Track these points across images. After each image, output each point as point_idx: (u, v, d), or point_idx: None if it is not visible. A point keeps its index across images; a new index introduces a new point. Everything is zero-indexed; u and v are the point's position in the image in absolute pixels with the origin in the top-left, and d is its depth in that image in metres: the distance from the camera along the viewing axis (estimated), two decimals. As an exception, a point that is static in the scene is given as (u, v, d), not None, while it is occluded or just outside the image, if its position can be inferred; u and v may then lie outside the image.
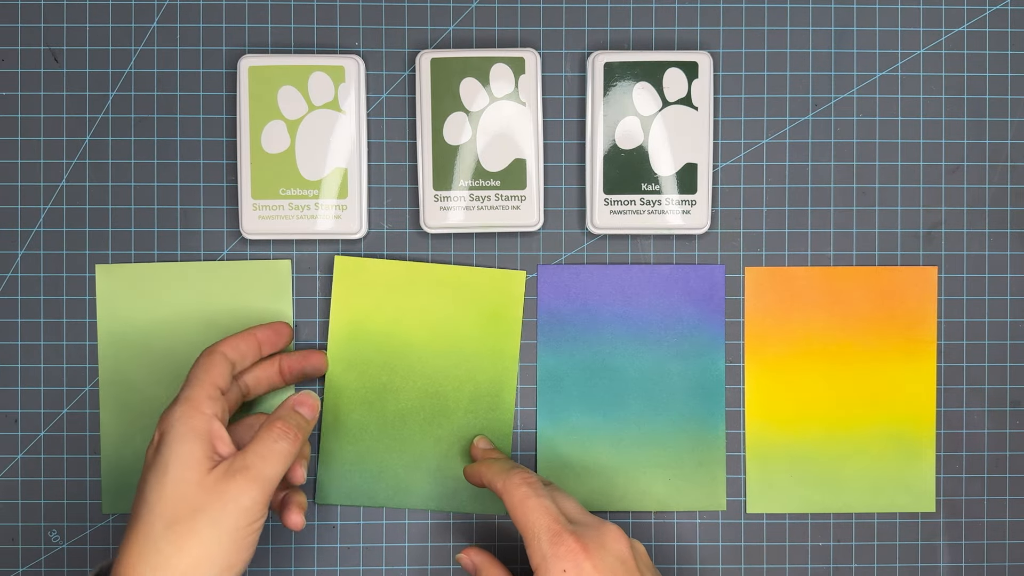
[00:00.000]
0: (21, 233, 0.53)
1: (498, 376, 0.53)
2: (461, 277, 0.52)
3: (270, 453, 0.44)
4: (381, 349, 0.52)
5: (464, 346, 0.52)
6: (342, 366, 0.52)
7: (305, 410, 0.46)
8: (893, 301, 0.54)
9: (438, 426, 0.53)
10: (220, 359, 0.46)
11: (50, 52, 0.53)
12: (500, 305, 0.52)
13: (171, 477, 0.42)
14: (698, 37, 0.54)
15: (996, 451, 0.54)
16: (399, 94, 0.54)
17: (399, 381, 0.52)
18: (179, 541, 0.41)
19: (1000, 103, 0.54)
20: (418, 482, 0.53)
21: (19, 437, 0.53)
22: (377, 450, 0.52)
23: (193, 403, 0.44)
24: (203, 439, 0.43)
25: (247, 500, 0.42)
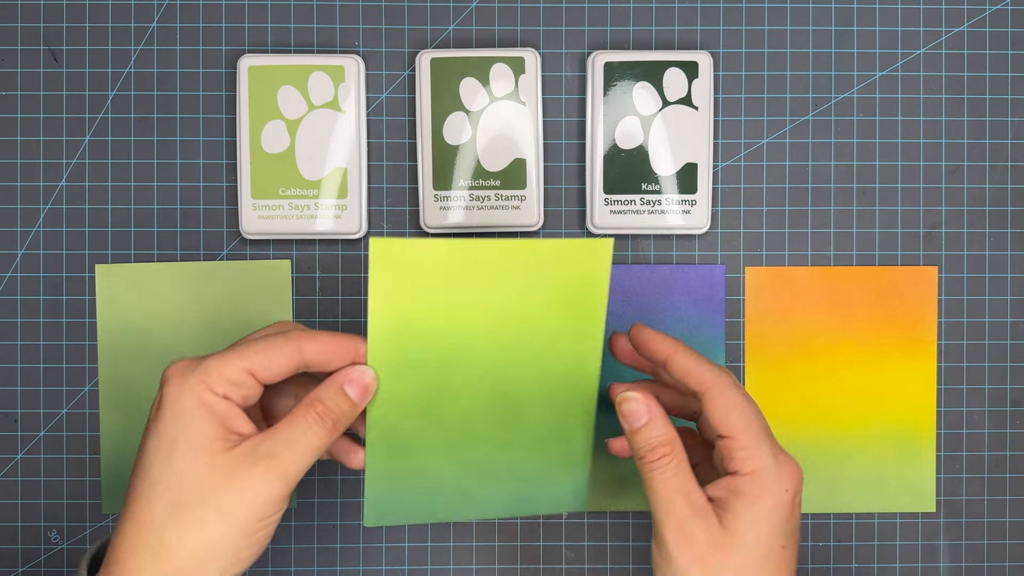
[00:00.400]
0: (21, 233, 0.53)
1: (578, 367, 0.43)
2: (532, 251, 0.41)
3: (302, 442, 0.38)
4: (434, 348, 0.42)
5: (536, 334, 0.42)
6: (387, 372, 0.41)
7: (355, 391, 0.39)
8: (893, 301, 0.54)
9: (507, 430, 0.44)
10: (289, 349, 0.39)
11: (50, 52, 0.53)
12: (581, 281, 0.41)
13: (179, 456, 0.37)
14: (698, 37, 0.54)
15: (996, 451, 0.54)
16: (399, 94, 0.54)
17: (458, 384, 0.42)
18: (183, 530, 0.36)
19: (1000, 103, 0.54)
20: (485, 491, 0.45)
21: (19, 437, 0.53)
22: (435, 463, 0.44)
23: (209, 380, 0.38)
24: (215, 417, 0.37)
25: (265, 494, 0.37)
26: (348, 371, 0.39)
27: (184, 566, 0.36)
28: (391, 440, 0.43)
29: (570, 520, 0.54)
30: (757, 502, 0.39)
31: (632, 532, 0.54)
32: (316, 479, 0.53)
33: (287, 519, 0.54)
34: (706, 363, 0.41)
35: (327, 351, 0.39)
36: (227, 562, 0.37)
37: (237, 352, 0.38)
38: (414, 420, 0.43)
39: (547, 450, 0.45)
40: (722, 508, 0.39)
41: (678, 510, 0.39)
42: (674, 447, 0.40)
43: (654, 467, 0.40)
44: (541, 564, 0.54)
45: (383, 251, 0.39)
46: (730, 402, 0.40)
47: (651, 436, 0.41)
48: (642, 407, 0.41)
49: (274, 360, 0.38)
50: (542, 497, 0.46)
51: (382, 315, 0.40)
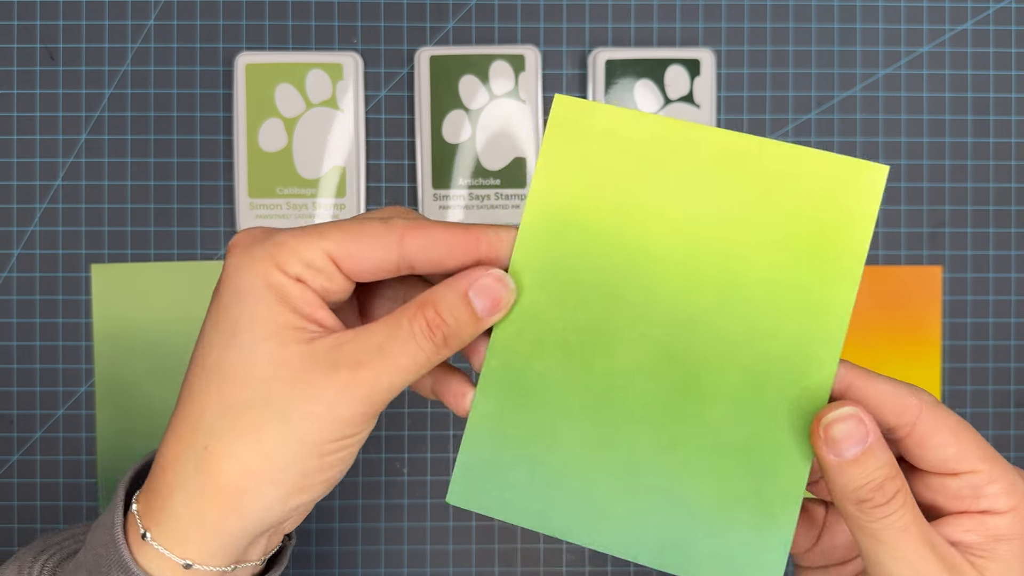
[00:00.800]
0: (17, 232, 0.53)
1: (806, 348, 0.30)
2: (770, 157, 0.30)
3: (400, 354, 0.29)
4: (602, 259, 0.31)
5: (754, 280, 0.30)
6: (533, 281, 0.31)
7: (482, 302, 0.30)
8: (897, 301, 0.54)
9: (678, 416, 0.31)
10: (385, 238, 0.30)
11: (46, 50, 0.53)
12: (833, 218, 0.30)
13: (239, 343, 0.29)
14: (700, 34, 0.54)
15: (1000, 452, 0.54)
16: (398, 92, 0.53)
17: (623, 319, 0.31)
18: (234, 437, 0.29)
19: (1004, 101, 0.54)
20: (624, 507, 0.31)
21: (15, 439, 0.53)
22: (567, 434, 0.31)
23: (279, 256, 0.29)
24: (285, 301, 0.29)
25: (343, 411, 0.29)
26: (478, 273, 0.30)
27: (232, 484, 0.29)
28: (515, 380, 0.31)
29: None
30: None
31: (633, 534, 0.54)
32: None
33: (285, 521, 0.53)
34: (901, 385, 0.31)
35: (439, 246, 0.30)
36: (289, 487, 0.29)
37: (319, 230, 0.30)
38: (552, 359, 0.31)
39: (731, 469, 0.31)
40: (979, 558, 0.30)
41: (931, 568, 0.29)
42: (903, 479, 0.29)
43: (887, 512, 0.29)
44: (541, 566, 0.54)
45: (567, 113, 0.31)
46: (955, 428, 0.30)
47: (876, 467, 0.29)
48: (861, 427, 0.29)
49: (364, 248, 0.30)
50: (708, 548, 0.31)
51: (545, 199, 0.31)
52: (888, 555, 0.29)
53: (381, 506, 0.53)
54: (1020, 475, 0.31)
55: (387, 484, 0.53)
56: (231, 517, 0.29)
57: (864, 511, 0.29)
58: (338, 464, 0.30)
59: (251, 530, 0.30)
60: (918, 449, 0.30)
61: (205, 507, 0.29)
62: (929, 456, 0.30)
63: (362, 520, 0.53)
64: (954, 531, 0.30)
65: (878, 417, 0.30)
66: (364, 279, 0.31)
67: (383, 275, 0.31)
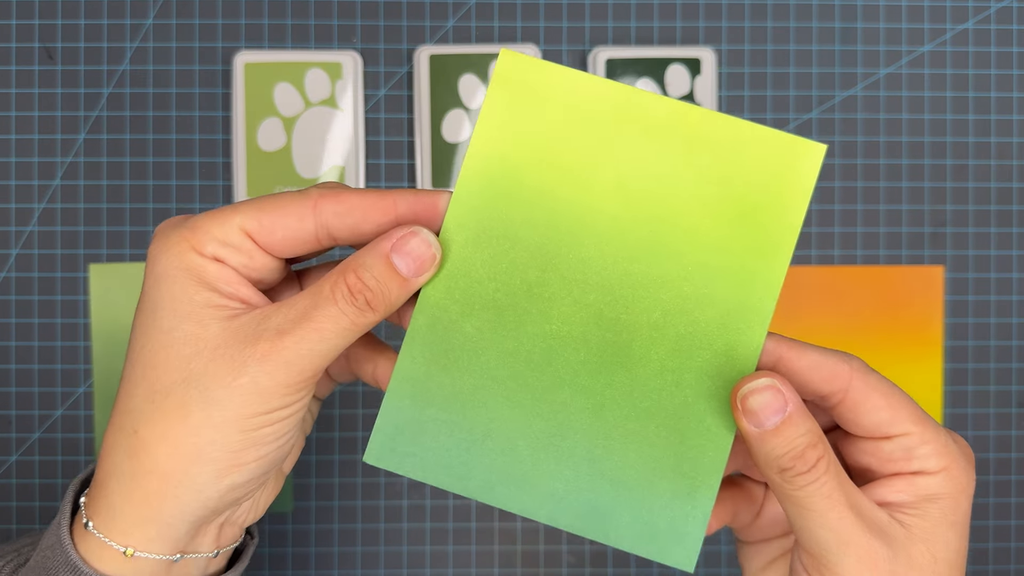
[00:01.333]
0: (15, 232, 0.53)
1: (735, 317, 0.30)
2: (712, 128, 0.30)
3: (322, 320, 0.28)
4: (538, 220, 0.31)
5: (688, 249, 0.30)
6: (466, 239, 0.31)
7: (406, 263, 0.29)
8: (898, 301, 0.53)
9: (607, 381, 0.31)
10: (299, 208, 0.30)
11: (44, 50, 0.53)
12: (769, 192, 0.30)
13: (160, 327, 0.29)
14: (701, 33, 0.53)
15: (1002, 453, 0.54)
16: (397, 91, 0.53)
17: (556, 283, 0.31)
18: (160, 419, 0.29)
19: (1005, 101, 0.54)
20: (549, 472, 0.31)
21: (13, 439, 0.53)
22: (493, 395, 0.31)
23: (194, 239, 0.29)
24: (202, 282, 0.29)
25: (266, 381, 0.28)
26: (399, 233, 0.29)
27: (160, 466, 0.29)
28: (442, 339, 0.31)
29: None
30: (957, 502, 0.30)
31: (633, 535, 0.54)
32: (313, 482, 0.53)
33: (283, 521, 0.53)
34: (831, 352, 0.31)
35: (354, 211, 0.30)
36: (220, 465, 0.29)
37: (233, 207, 0.30)
38: (482, 320, 0.31)
39: (657, 437, 0.31)
40: (908, 517, 0.30)
41: (856, 532, 0.29)
42: (826, 445, 0.29)
43: (809, 480, 0.29)
44: (542, 568, 0.53)
45: (511, 69, 0.30)
46: (886, 392, 0.30)
47: (797, 435, 0.29)
48: (779, 396, 0.29)
49: (278, 218, 0.29)
50: (629, 517, 0.31)
51: (485, 155, 0.31)
52: (814, 522, 0.29)
53: (380, 507, 0.53)
54: (952, 437, 0.31)
55: (386, 485, 0.53)
56: (165, 501, 0.29)
57: (787, 479, 0.29)
58: (272, 441, 0.29)
59: (189, 515, 0.30)
60: (851, 415, 0.31)
61: (138, 491, 0.29)
62: (862, 421, 0.31)
63: (361, 521, 0.53)
64: (886, 492, 0.31)
65: (810, 386, 0.30)
66: (286, 253, 0.30)
67: (305, 247, 0.30)
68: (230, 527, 0.32)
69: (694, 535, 0.30)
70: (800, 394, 0.30)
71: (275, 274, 0.31)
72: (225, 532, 0.32)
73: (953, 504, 0.30)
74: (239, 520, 0.33)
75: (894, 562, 0.29)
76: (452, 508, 0.53)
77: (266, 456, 0.30)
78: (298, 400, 0.29)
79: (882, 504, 0.31)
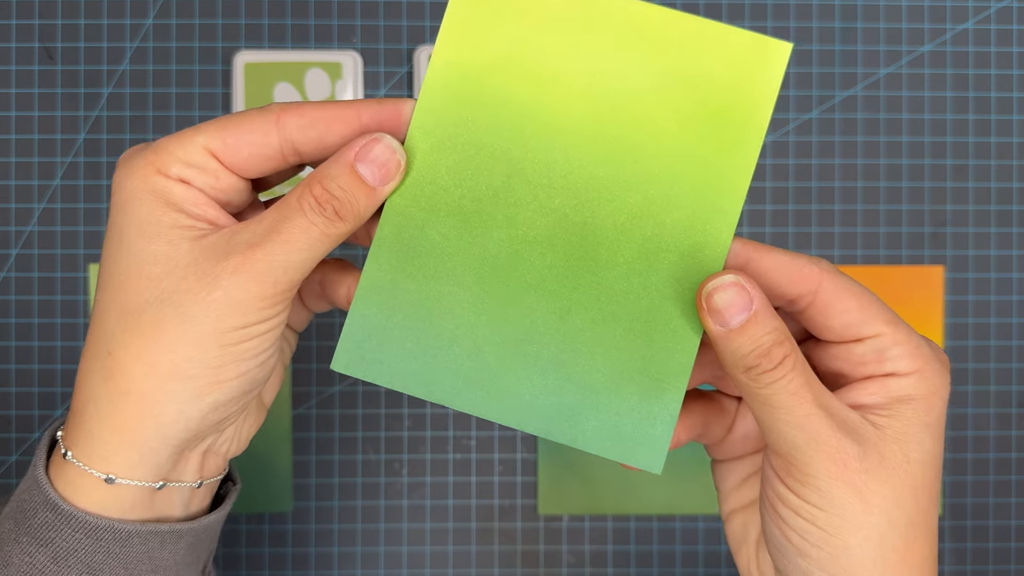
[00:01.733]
0: (15, 232, 0.53)
1: (702, 220, 0.30)
2: (678, 28, 0.30)
3: (295, 228, 0.28)
4: (503, 125, 0.31)
5: (654, 151, 0.30)
6: (431, 145, 0.31)
7: (371, 170, 0.29)
8: (898, 301, 0.53)
9: (573, 285, 0.31)
10: (262, 123, 0.29)
11: (44, 49, 0.53)
12: (735, 92, 0.30)
13: (128, 250, 0.29)
14: (700, 34, 0.53)
15: (1002, 453, 0.54)
16: (397, 91, 0.53)
17: (522, 188, 0.31)
18: (134, 338, 0.28)
19: (1005, 101, 0.54)
20: (516, 375, 0.31)
21: (13, 439, 0.53)
22: (459, 301, 0.31)
23: (158, 161, 0.29)
24: (168, 204, 0.29)
25: (240, 292, 0.28)
26: (362, 141, 0.29)
27: (138, 386, 0.28)
28: (408, 246, 0.31)
29: (571, 524, 0.53)
30: (931, 404, 0.30)
31: (634, 536, 0.54)
32: (313, 482, 0.53)
33: (283, 521, 0.53)
34: (800, 255, 0.30)
35: (318, 123, 0.30)
36: (199, 382, 0.28)
37: (196, 127, 0.30)
38: (448, 226, 0.31)
39: (623, 340, 0.30)
40: (880, 417, 0.30)
41: (825, 429, 0.29)
42: (792, 344, 0.29)
43: (776, 376, 0.28)
44: (542, 568, 0.53)
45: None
46: (857, 293, 0.30)
47: (762, 333, 0.28)
48: (744, 294, 0.28)
49: (241, 134, 0.29)
50: (596, 420, 0.31)
51: (448, 61, 0.30)
52: (781, 420, 0.29)
53: (380, 507, 0.53)
54: (925, 340, 0.31)
55: (386, 485, 0.53)
56: (144, 422, 0.29)
57: (753, 378, 0.29)
58: (252, 357, 0.29)
59: (171, 438, 0.29)
60: (821, 317, 0.30)
61: (116, 415, 0.29)
62: (832, 323, 0.30)
63: (361, 521, 0.53)
64: (859, 395, 0.30)
65: (779, 288, 0.30)
66: (251, 172, 0.30)
67: (270, 164, 0.30)
68: (213, 456, 0.32)
69: (662, 437, 0.30)
70: (770, 297, 0.30)
71: (242, 195, 0.31)
72: (208, 462, 0.32)
73: (927, 405, 0.30)
74: (222, 450, 0.32)
75: (865, 460, 0.29)
76: (452, 508, 0.53)
77: (246, 373, 0.29)
78: (275, 315, 0.29)
79: (855, 407, 0.30)
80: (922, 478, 0.29)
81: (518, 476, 0.53)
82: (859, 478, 0.29)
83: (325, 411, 0.53)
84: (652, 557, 0.53)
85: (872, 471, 0.29)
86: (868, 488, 0.29)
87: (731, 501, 0.35)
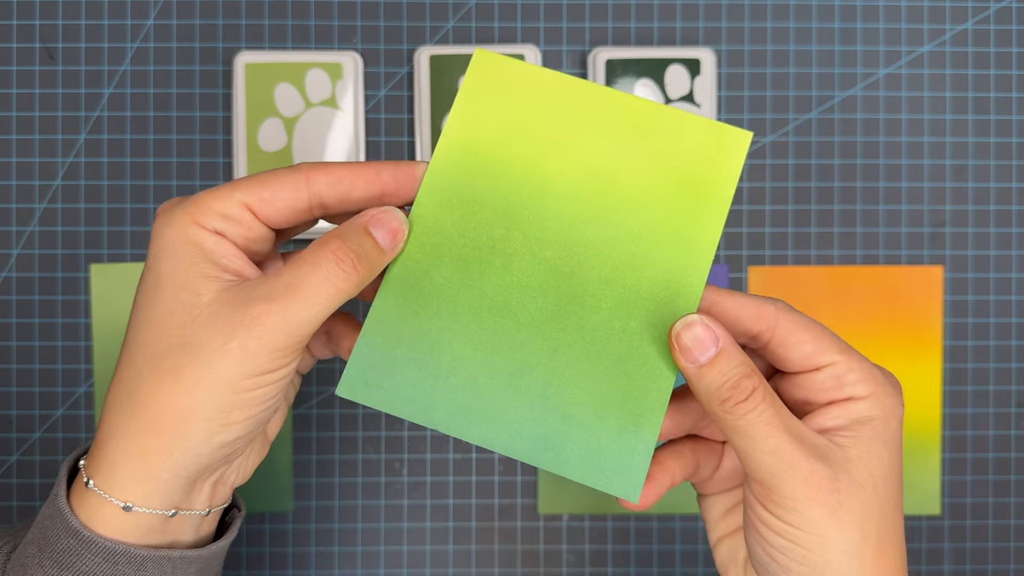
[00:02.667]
0: (16, 232, 0.53)
1: (677, 274, 0.34)
2: (654, 116, 0.35)
3: (310, 284, 0.31)
4: (504, 187, 0.35)
5: (634, 215, 0.35)
6: (440, 197, 0.35)
7: (382, 234, 0.33)
8: (898, 301, 0.53)
9: (559, 328, 0.34)
10: (294, 180, 0.33)
11: (45, 50, 0.53)
12: (704, 170, 0.35)
13: (162, 297, 0.31)
14: (700, 34, 0.53)
15: (1002, 453, 0.54)
16: (397, 91, 0.53)
17: (518, 240, 0.35)
18: (156, 379, 0.31)
19: (1005, 101, 0.54)
20: (506, 405, 0.34)
21: (14, 439, 0.53)
22: (457, 337, 0.34)
23: (196, 213, 0.32)
24: (202, 253, 0.32)
25: (255, 344, 0.30)
26: (374, 211, 0.33)
27: (160, 422, 0.31)
28: (413, 287, 0.34)
29: (571, 523, 0.53)
30: (886, 423, 0.33)
31: (634, 536, 0.54)
32: (313, 482, 0.53)
33: (283, 521, 0.53)
34: (757, 296, 0.34)
35: (344, 180, 0.33)
36: (214, 423, 0.31)
37: (232, 183, 0.33)
38: (450, 271, 0.34)
39: (605, 377, 0.34)
40: (844, 439, 0.33)
41: (798, 455, 0.31)
42: (760, 377, 0.32)
43: (747, 408, 0.31)
44: (542, 568, 0.53)
45: (484, 65, 0.35)
46: (810, 327, 0.33)
47: (730, 368, 0.32)
48: (709, 332, 0.32)
49: (275, 191, 0.32)
50: (578, 449, 0.34)
51: (458, 133, 0.35)
52: (757, 448, 0.31)
53: (380, 507, 0.53)
54: (876, 367, 0.34)
55: (386, 485, 0.53)
56: (161, 456, 0.31)
57: (728, 410, 0.32)
58: (260, 403, 0.32)
59: (183, 470, 0.32)
60: (781, 350, 0.34)
61: (136, 447, 0.31)
62: (791, 355, 0.33)
63: (361, 521, 0.53)
64: (824, 420, 0.33)
65: (740, 325, 0.34)
66: (282, 224, 0.33)
67: (299, 217, 0.33)
68: (221, 486, 0.35)
69: (639, 467, 0.33)
70: (735, 335, 0.34)
71: (267, 245, 0.34)
72: (217, 491, 0.34)
73: (883, 424, 0.33)
74: (229, 480, 0.35)
75: (836, 480, 0.31)
76: (452, 508, 0.53)
77: (253, 417, 0.32)
78: (285, 365, 0.32)
79: (821, 431, 0.33)
80: (885, 490, 0.32)
81: (518, 475, 0.53)
82: (832, 498, 0.31)
83: (325, 411, 0.53)
84: (652, 557, 0.53)
85: (843, 490, 0.32)
86: (841, 506, 0.32)
87: (718, 529, 0.38)
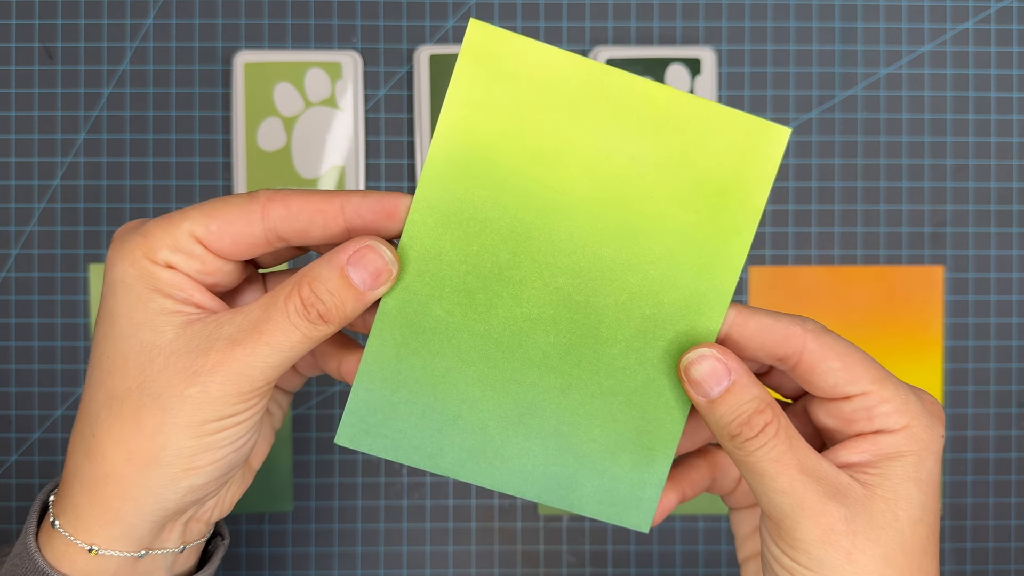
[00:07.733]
0: (15, 232, 0.53)
1: (698, 300, 0.31)
2: (680, 108, 0.30)
3: (276, 330, 0.28)
4: (509, 202, 0.30)
5: (655, 232, 0.31)
6: (436, 215, 0.30)
7: (360, 276, 0.29)
8: (898, 301, 0.53)
9: (575, 362, 0.31)
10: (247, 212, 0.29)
11: (44, 49, 0.53)
12: (735, 176, 0.30)
13: (118, 334, 0.29)
14: (701, 33, 0.53)
15: (1002, 453, 0.54)
16: (397, 91, 0.53)
17: (527, 266, 0.31)
18: (115, 423, 0.29)
19: (1005, 101, 0.54)
20: (517, 446, 0.32)
21: (13, 439, 0.53)
22: (464, 377, 0.31)
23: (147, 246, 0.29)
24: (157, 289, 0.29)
25: (216, 390, 0.28)
26: (356, 245, 0.29)
27: (117, 470, 0.29)
28: (411, 322, 0.31)
29: (571, 524, 0.53)
30: (920, 459, 0.30)
31: (634, 536, 0.54)
32: (313, 482, 0.53)
33: (283, 521, 0.53)
34: (783, 316, 0.31)
35: (301, 215, 0.29)
36: (175, 469, 0.29)
37: (183, 212, 0.30)
38: (453, 302, 0.31)
39: (620, 414, 0.32)
40: (870, 476, 0.30)
41: (810, 495, 0.29)
42: (775, 411, 0.30)
43: (757, 445, 0.29)
44: (542, 568, 0.53)
45: (480, 41, 0.29)
46: (842, 352, 0.30)
47: (742, 403, 0.29)
48: (721, 365, 0.29)
49: (225, 224, 0.29)
50: (591, 487, 0.32)
51: (452, 133, 0.30)
52: (767, 486, 0.29)
53: (380, 507, 0.53)
54: (916, 395, 0.31)
55: (386, 485, 0.53)
56: (124, 503, 0.30)
57: (738, 445, 0.30)
58: (226, 445, 0.30)
59: (149, 516, 0.30)
60: (809, 376, 0.31)
61: (97, 493, 0.30)
62: (820, 382, 0.30)
63: (361, 521, 0.53)
64: (848, 454, 0.30)
65: (764, 349, 0.31)
66: (238, 256, 0.30)
67: (256, 250, 0.30)
68: (195, 523, 0.33)
69: (650, 499, 0.32)
70: (759, 359, 0.31)
71: (232, 276, 0.31)
72: (191, 528, 0.33)
73: (916, 461, 0.30)
74: (204, 516, 0.33)
75: (852, 522, 0.29)
76: (452, 508, 0.53)
77: (222, 459, 0.30)
78: (251, 407, 0.30)
79: (845, 466, 0.30)
80: (912, 535, 0.29)
81: (518, 476, 0.53)
82: (847, 540, 0.29)
83: (325, 411, 0.53)
84: (652, 557, 0.53)
85: (860, 532, 0.29)
86: (857, 549, 0.29)
87: (747, 547, 0.36)
